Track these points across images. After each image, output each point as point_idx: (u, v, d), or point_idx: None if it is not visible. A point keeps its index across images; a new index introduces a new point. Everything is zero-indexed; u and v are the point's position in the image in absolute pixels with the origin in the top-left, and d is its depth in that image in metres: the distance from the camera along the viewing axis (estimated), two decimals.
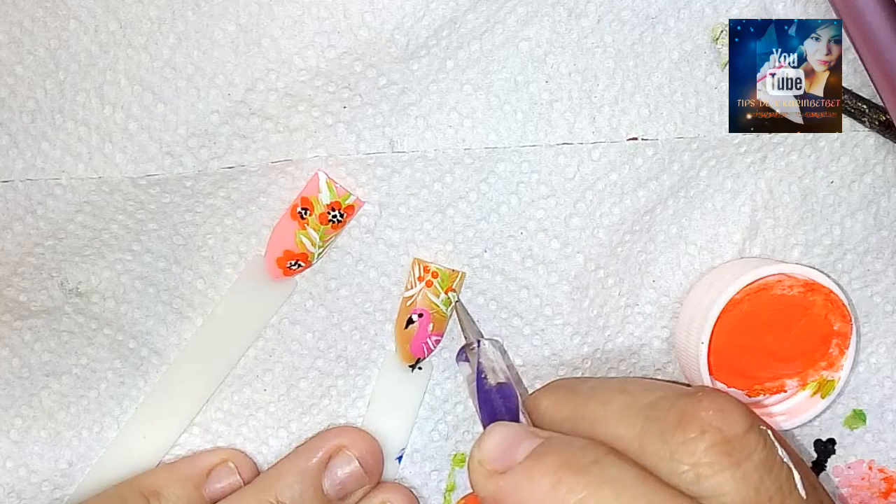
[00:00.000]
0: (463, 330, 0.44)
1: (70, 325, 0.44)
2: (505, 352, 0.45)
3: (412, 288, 0.44)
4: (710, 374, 0.42)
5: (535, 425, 0.39)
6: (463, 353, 0.43)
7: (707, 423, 0.34)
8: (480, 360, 0.42)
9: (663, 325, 0.45)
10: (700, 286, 0.44)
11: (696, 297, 0.44)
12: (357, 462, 0.43)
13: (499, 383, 0.40)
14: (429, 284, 0.43)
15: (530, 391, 0.45)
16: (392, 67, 0.42)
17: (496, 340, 0.45)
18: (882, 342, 0.47)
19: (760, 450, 0.34)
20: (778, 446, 0.35)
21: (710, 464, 0.33)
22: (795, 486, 0.34)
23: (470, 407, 0.46)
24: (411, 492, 0.45)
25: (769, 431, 0.35)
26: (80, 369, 0.44)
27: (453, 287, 0.44)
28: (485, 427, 0.39)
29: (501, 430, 0.37)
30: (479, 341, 0.43)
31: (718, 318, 0.42)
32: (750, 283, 0.42)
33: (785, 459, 0.35)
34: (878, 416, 0.47)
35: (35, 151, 0.41)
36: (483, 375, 0.41)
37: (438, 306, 0.44)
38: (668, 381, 0.45)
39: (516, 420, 0.39)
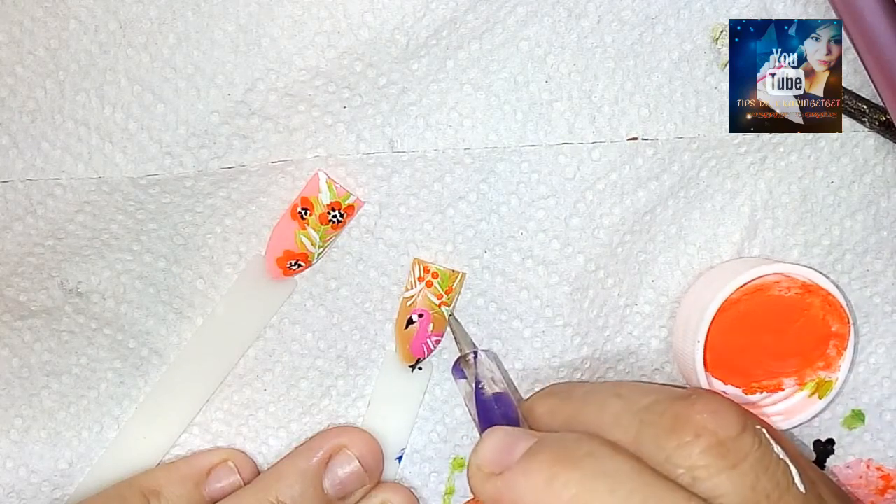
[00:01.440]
0: (457, 342, 0.44)
1: (70, 325, 0.44)
2: (500, 362, 0.45)
3: (412, 288, 0.44)
4: (707, 371, 0.42)
5: None
6: (459, 368, 0.43)
7: (701, 427, 0.34)
8: (478, 372, 0.42)
9: (661, 326, 0.45)
10: (698, 285, 0.44)
11: (694, 297, 0.44)
12: (357, 462, 0.43)
13: (496, 393, 0.40)
14: (429, 285, 0.43)
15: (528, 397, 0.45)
16: (392, 67, 0.42)
17: (491, 351, 0.45)
18: (881, 342, 0.47)
19: (755, 449, 0.34)
20: (773, 443, 0.35)
21: (705, 466, 0.34)
22: (793, 481, 0.35)
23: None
24: (411, 491, 0.45)
25: (764, 430, 0.36)
26: (80, 369, 0.44)
27: (453, 287, 0.44)
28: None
29: (497, 433, 0.38)
30: (475, 353, 0.43)
31: (715, 317, 0.42)
32: (746, 283, 0.42)
33: (781, 456, 0.35)
34: (877, 416, 0.47)
35: (35, 151, 0.41)
36: (481, 386, 0.41)
37: (438, 307, 0.44)
38: (664, 384, 0.45)
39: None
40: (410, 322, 0.44)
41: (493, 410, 0.40)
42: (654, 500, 0.33)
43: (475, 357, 0.42)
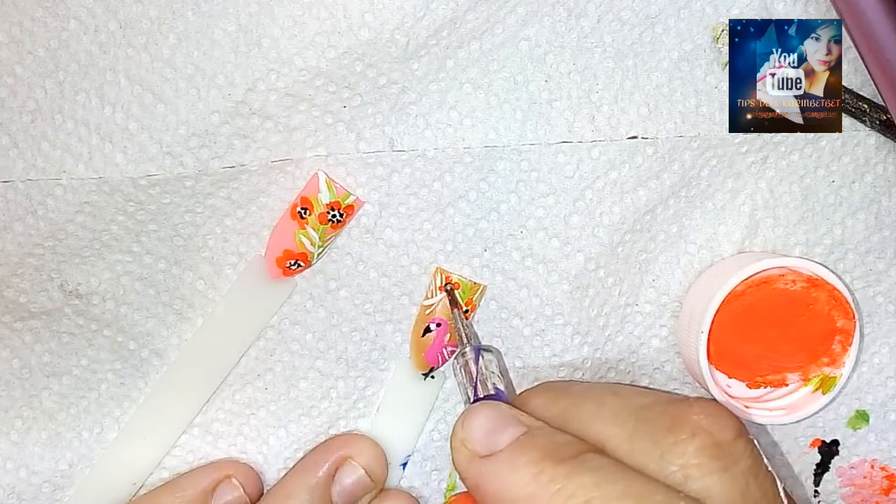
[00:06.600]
0: (461, 334, 0.43)
1: (70, 327, 0.44)
2: (501, 357, 0.45)
3: (432, 297, 0.44)
4: (710, 364, 0.42)
5: None
6: (459, 358, 0.43)
7: (698, 427, 0.35)
8: (479, 369, 0.41)
9: (662, 325, 0.45)
10: (703, 277, 0.44)
11: (699, 288, 0.44)
12: (363, 471, 0.43)
13: (491, 394, 0.40)
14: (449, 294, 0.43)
15: None
16: (392, 67, 0.42)
17: (493, 348, 0.44)
18: (885, 342, 0.46)
19: (748, 456, 0.35)
20: (763, 455, 0.36)
21: (699, 465, 0.34)
22: (779, 493, 0.36)
23: None
24: (410, 494, 0.45)
25: (755, 441, 0.36)
26: (80, 370, 0.44)
27: (473, 299, 0.44)
28: None
29: (487, 410, 0.38)
30: (478, 350, 0.42)
31: (719, 309, 0.42)
32: (752, 276, 0.42)
33: (769, 469, 0.36)
34: (881, 416, 0.47)
35: (35, 151, 0.41)
36: (478, 380, 0.41)
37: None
38: (661, 390, 0.45)
39: None
40: (428, 330, 0.44)
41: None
42: (644, 495, 0.33)
43: (477, 355, 0.42)
